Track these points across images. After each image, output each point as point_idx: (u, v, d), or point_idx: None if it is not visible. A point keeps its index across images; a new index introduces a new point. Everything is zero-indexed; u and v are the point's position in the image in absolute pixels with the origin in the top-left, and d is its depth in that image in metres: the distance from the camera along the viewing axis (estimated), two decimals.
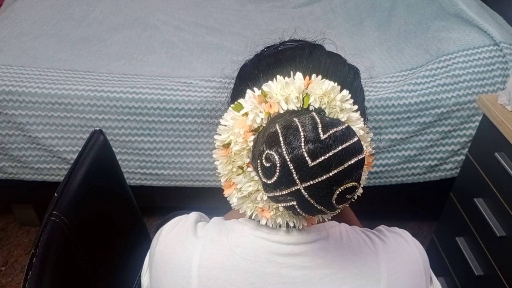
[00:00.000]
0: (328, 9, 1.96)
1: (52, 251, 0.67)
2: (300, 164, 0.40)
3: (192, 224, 0.56)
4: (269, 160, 0.41)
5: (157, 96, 1.36)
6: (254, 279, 0.51)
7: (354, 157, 0.40)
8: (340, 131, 0.40)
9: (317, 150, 0.39)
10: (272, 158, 0.41)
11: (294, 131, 0.40)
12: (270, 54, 0.55)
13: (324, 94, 0.46)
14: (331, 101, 0.46)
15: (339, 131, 0.40)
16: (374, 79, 1.43)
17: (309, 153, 0.39)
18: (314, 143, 0.39)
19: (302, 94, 0.46)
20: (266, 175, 0.42)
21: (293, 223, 0.49)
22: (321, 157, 0.39)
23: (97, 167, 0.83)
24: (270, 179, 0.42)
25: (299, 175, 0.40)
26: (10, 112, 1.34)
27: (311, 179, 0.40)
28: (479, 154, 1.21)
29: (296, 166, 0.40)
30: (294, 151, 0.40)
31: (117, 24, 1.74)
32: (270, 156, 0.41)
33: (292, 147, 0.40)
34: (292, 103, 0.46)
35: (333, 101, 0.46)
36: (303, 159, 0.39)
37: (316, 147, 0.39)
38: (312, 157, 0.39)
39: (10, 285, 1.52)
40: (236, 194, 0.49)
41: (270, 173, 0.41)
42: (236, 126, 0.47)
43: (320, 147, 0.39)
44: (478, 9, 1.55)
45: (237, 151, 0.47)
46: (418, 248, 0.57)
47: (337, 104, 0.46)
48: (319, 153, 0.39)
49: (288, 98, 0.46)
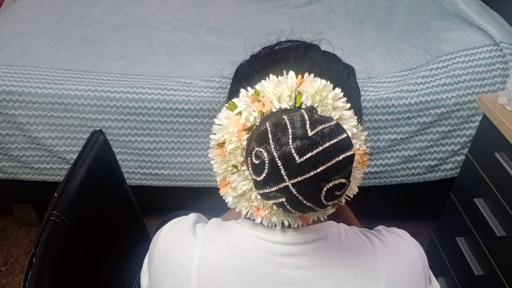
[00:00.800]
0: (328, 9, 1.96)
1: (52, 251, 0.67)
2: (288, 160, 0.40)
3: (191, 225, 0.56)
4: (258, 157, 0.42)
5: (157, 96, 1.36)
6: (253, 279, 0.51)
7: (342, 153, 0.40)
8: (328, 128, 0.41)
9: (304, 146, 0.40)
10: (261, 155, 0.41)
11: (283, 128, 0.41)
12: (265, 54, 0.56)
13: (316, 92, 0.46)
14: (323, 99, 0.47)
15: (327, 127, 0.41)
16: (374, 79, 1.43)
17: (297, 150, 0.40)
18: (301, 140, 0.40)
19: (294, 92, 0.47)
20: (256, 172, 0.43)
21: (288, 221, 0.50)
22: (308, 154, 0.40)
23: (97, 167, 0.83)
24: (259, 176, 0.42)
25: (287, 171, 0.40)
26: (10, 112, 1.35)
27: (299, 176, 0.40)
28: (479, 154, 1.21)
29: (284, 163, 0.40)
30: (282, 148, 0.40)
31: (117, 24, 1.74)
32: (259, 153, 0.42)
33: (281, 144, 0.40)
34: (284, 102, 0.46)
35: (325, 99, 0.47)
36: (291, 155, 0.40)
37: (304, 144, 0.40)
38: (300, 153, 0.40)
39: (10, 285, 1.52)
40: (232, 193, 0.50)
41: (259, 170, 0.42)
42: (230, 125, 0.47)
43: (307, 143, 0.40)
44: (478, 9, 1.55)
45: (232, 150, 0.47)
46: (417, 248, 0.57)
47: (329, 102, 0.47)
48: (307, 150, 0.40)
49: (281, 97, 0.46)
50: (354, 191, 0.50)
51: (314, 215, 0.51)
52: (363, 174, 0.51)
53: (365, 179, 1.50)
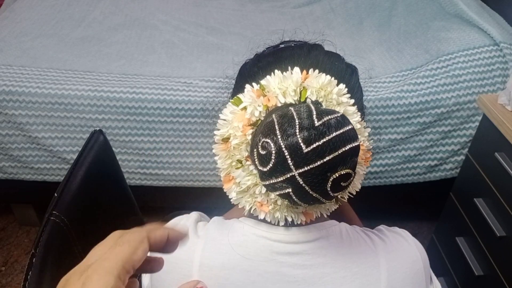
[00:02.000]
0: (328, 9, 1.96)
1: (52, 251, 0.67)
2: (295, 150, 0.40)
3: (192, 224, 0.56)
4: (264, 148, 0.42)
5: (157, 96, 1.36)
6: (255, 278, 0.51)
7: (348, 144, 0.41)
8: (334, 119, 0.41)
9: (311, 136, 0.40)
10: (268, 146, 0.42)
11: (290, 119, 0.41)
12: (270, 53, 0.56)
13: (321, 87, 0.47)
14: (328, 94, 0.47)
15: (333, 118, 0.41)
16: (374, 79, 1.43)
17: (304, 140, 0.40)
18: (308, 130, 0.40)
19: (299, 87, 0.47)
20: (262, 163, 0.43)
21: (292, 217, 0.50)
22: (315, 143, 0.40)
23: (97, 167, 0.83)
24: (265, 166, 0.42)
25: (294, 161, 0.40)
26: (10, 112, 1.34)
27: (306, 165, 0.40)
28: (479, 154, 1.21)
29: (291, 152, 0.40)
30: (289, 138, 0.40)
31: (117, 24, 1.74)
32: (265, 144, 0.42)
33: (288, 134, 0.41)
34: (289, 97, 0.47)
35: (330, 95, 0.47)
36: (298, 145, 0.40)
37: (311, 134, 0.40)
38: (307, 143, 0.40)
39: (10, 285, 1.52)
40: (235, 188, 0.50)
41: (266, 160, 0.42)
42: (235, 120, 0.48)
43: (314, 133, 0.40)
44: (478, 9, 1.55)
45: (236, 145, 0.48)
46: (418, 248, 0.57)
47: (333, 98, 0.47)
48: (313, 139, 0.40)
49: (286, 92, 0.47)
50: (357, 188, 0.51)
51: (317, 211, 0.51)
52: (365, 171, 0.51)
53: (365, 179, 1.50)
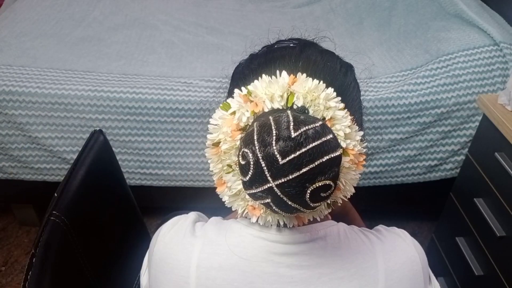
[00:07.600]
0: (328, 9, 1.96)
1: (52, 251, 0.67)
2: (271, 161, 0.40)
3: (190, 224, 0.56)
4: (244, 157, 0.42)
5: (157, 96, 1.36)
6: (252, 278, 0.51)
7: (327, 155, 0.40)
8: (312, 129, 0.41)
9: (287, 148, 0.40)
10: (247, 156, 0.41)
11: (268, 129, 0.41)
12: (262, 53, 0.56)
13: (307, 92, 0.46)
14: (315, 99, 0.46)
15: (311, 129, 0.41)
16: (374, 79, 1.43)
17: (280, 151, 0.40)
18: (285, 141, 0.40)
19: (286, 92, 0.47)
20: (243, 173, 0.43)
21: (283, 221, 0.50)
22: (291, 155, 0.39)
23: (97, 167, 0.83)
24: (245, 176, 0.42)
25: (271, 172, 0.40)
26: (10, 112, 1.35)
27: (283, 177, 0.40)
28: (479, 154, 1.20)
29: (268, 164, 0.40)
30: (266, 149, 0.40)
31: (117, 24, 1.74)
32: (245, 154, 0.42)
33: (265, 145, 0.40)
34: (276, 102, 0.46)
35: (317, 99, 0.46)
36: (274, 156, 0.40)
37: (287, 145, 0.40)
38: (283, 154, 0.40)
39: (10, 285, 1.52)
40: (228, 192, 0.50)
41: (245, 170, 0.42)
42: (224, 125, 0.47)
43: (290, 145, 0.40)
44: (478, 9, 1.55)
45: (226, 150, 0.48)
46: (417, 248, 0.57)
47: (321, 102, 0.46)
48: (290, 151, 0.40)
49: (273, 97, 0.46)
50: (350, 192, 0.50)
51: (309, 215, 0.50)
52: (360, 174, 0.50)
53: (365, 179, 1.50)
